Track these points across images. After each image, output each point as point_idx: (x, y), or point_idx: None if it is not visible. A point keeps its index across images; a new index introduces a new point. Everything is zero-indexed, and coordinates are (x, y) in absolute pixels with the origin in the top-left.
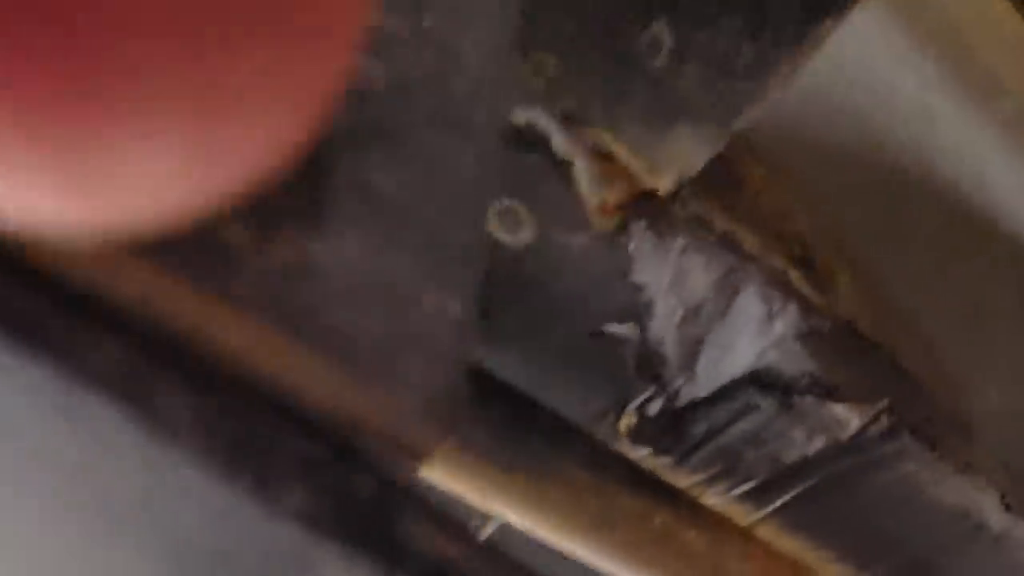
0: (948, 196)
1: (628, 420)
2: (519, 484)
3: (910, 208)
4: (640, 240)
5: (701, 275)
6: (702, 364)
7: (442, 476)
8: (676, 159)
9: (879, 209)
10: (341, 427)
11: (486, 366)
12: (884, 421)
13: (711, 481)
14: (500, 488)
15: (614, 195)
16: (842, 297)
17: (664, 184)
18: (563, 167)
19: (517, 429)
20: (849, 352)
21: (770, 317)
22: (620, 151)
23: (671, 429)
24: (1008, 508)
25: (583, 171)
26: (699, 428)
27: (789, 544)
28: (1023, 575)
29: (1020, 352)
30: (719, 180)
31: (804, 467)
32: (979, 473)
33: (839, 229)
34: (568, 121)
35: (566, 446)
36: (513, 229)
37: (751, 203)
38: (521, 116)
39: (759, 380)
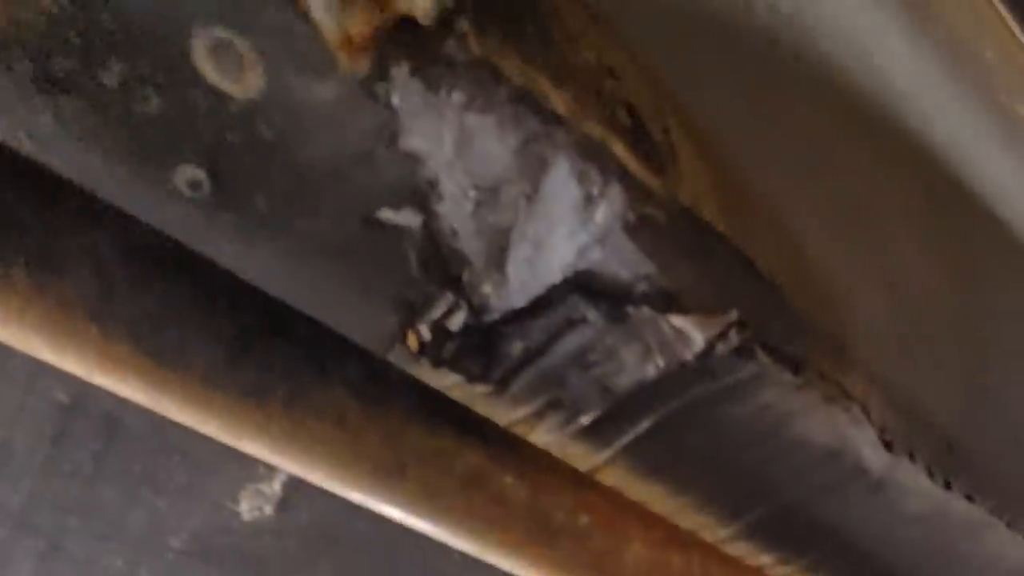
0: (832, 77)
1: (419, 335)
2: (273, 416)
3: (781, 84)
4: (404, 91)
5: (494, 142)
6: (512, 265)
7: (164, 403)
8: None
9: (740, 82)
10: None
11: (220, 261)
12: (734, 337)
13: (538, 416)
14: (248, 422)
15: (359, 23)
16: (684, 178)
17: (422, 4)
18: None
19: (264, 345)
20: (692, 249)
21: (589, 201)
22: None
23: (481, 350)
24: (888, 446)
25: None
26: (515, 348)
27: (640, 491)
28: (912, 524)
29: (908, 257)
30: (516, 14)
31: (644, 398)
32: (854, 403)
33: (687, 102)
34: None
35: (333, 368)
36: (235, 74)
37: (563, 51)
38: None
39: (583, 286)
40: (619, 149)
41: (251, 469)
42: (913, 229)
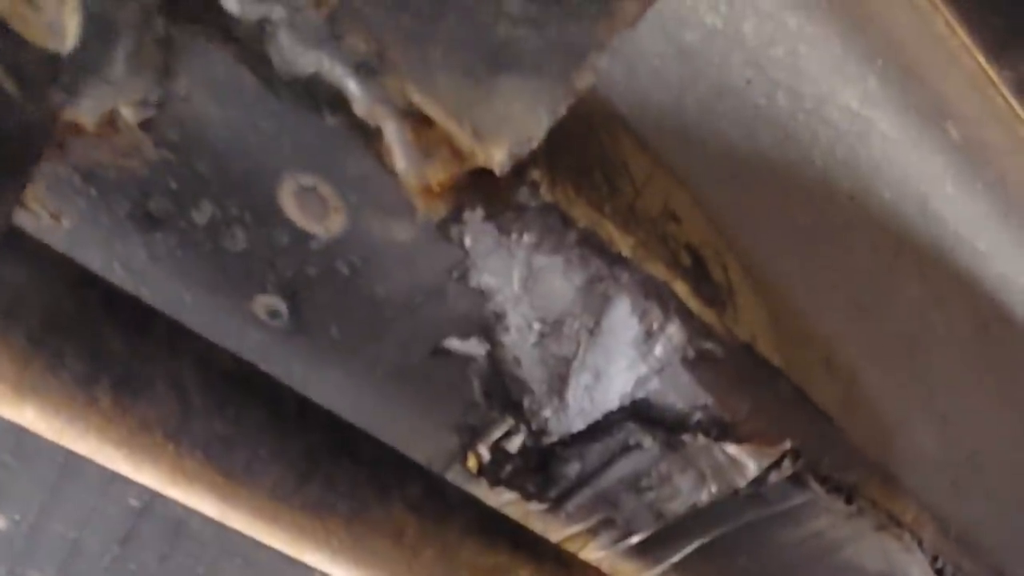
0: (884, 220)
1: (479, 456)
2: (335, 531)
3: (837, 228)
4: (478, 233)
5: (560, 281)
6: (571, 392)
7: (232, 516)
8: (508, 122)
9: (800, 226)
10: None
11: (293, 385)
12: (788, 466)
13: (591, 533)
14: (311, 536)
15: (439, 172)
16: (741, 315)
17: (497, 156)
18: (369, 134)
19: (330, 463)
20: (747, 382)
21: (649, 337)
22: (437, 112)
23: (538, 469)
24: (940, 573)
25: (395, 139)
26: (571, 469)
27: None
28: None
29: (959, 388)
30: (584, 162)
31: (696, 520)
32: (905, 531)
33: (745, 243)
34: (365, 70)
35: (394, 485)
36: (319, 215)
37: (629, 197)
38: (303, 60)
39: (640, 414)
40: (680, 288)
41: (308, 574)
42: (966, 363)
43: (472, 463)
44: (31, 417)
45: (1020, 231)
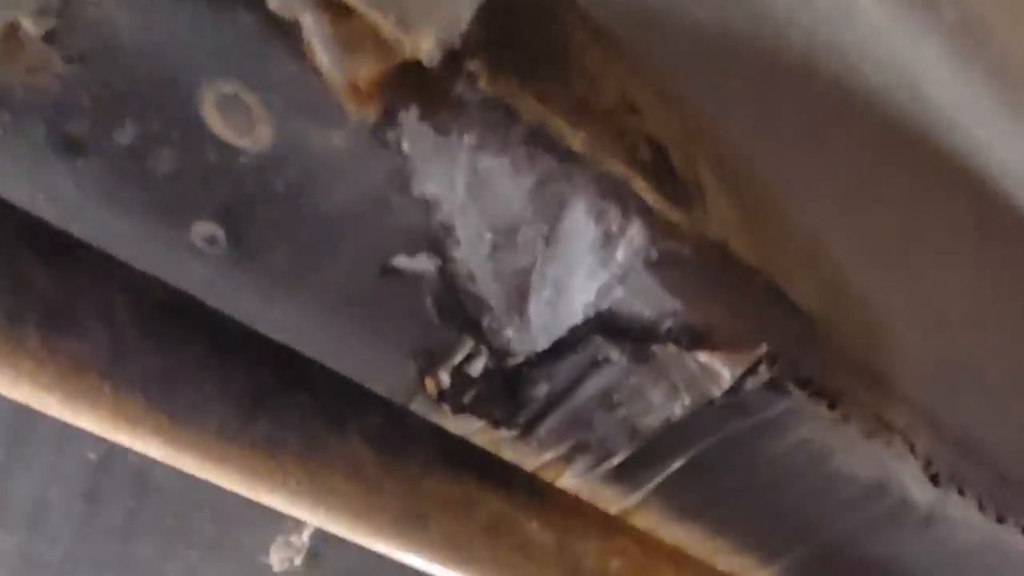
0: (872, 107)
1: (439, 382)
2: (290, 469)
3: (819, 113)
4: (416, 135)
5: (508, 185)
6: (532, 307)
7: (180, 459)
8: (433, 6)
9: (778, 115)
10: None
11: (238, 316)
12: (764, 371)
13: (566, 459)
14: (265, 476)
15: (365, 68)
16: (711, 212)
17: (424, 45)
18: (288, 31)
19: (280, 397)
20: (719, 285)
21: (609, 240)
22: (356, 0)
23: (504, 394)
24: (935, 480)
25: (314, 33)
26: (539, 391)
27: (673, 534)
28: (963, 559)
29: (953, 289)
30: (532, 52)
31: (674, 436)
32: (896, 436)
33: (718, 135)
34: None
35: (350, 417)
36: (244, 127)
37: (581, 89)
38: None
39: (606, 326)
40: (640, 185)
41: (280, 521)
42: (963, 260)
43: (432, 389)
44: None
45: (1019, 117)
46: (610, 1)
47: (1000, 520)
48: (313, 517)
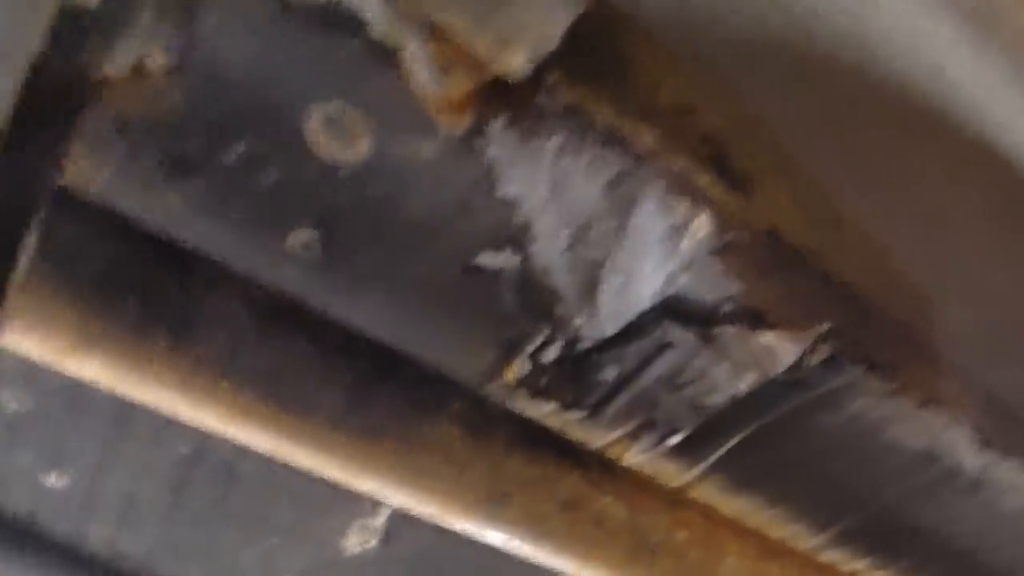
0: (898, 90)
1: (517, 369)
2: (388, 454)
3: (849, 102)
4: (501, 143)
5: (584, 183)
6: (603, 296)
7: (288, 449)
8: (525, 28)
9: (812, 104)
10: None
11: (334, 314)
12: (824, 349)
13: (632, 437)
14: (366, 462)
15: (458, 85)
16: (766, 201)
17: (516, 64)
18: (389, 55)
19: (377, 387)
20: (776, 268)
21: (676, 232)
22: (454, 25)
23: (575, 377)
24: (986, 445)
25: (415, 57)
26: (608, 374)
27: (732, 506)
28: (1011, 522)
29: (989, 262)
30: (601, 64)
31: (736, 412)
32: (947, 406)
33: (762, 125)
34: None
35: (438, 404)
36: (345, 143)
37: (645, 94)
38: None
39: (672, 311)
40: (702, 179)
41: (357, 505)
42: (993, 234)
43: (510, 376)
44: (96, 368)
45: None
46: (663, 14)
47: None
48: (407, 499)
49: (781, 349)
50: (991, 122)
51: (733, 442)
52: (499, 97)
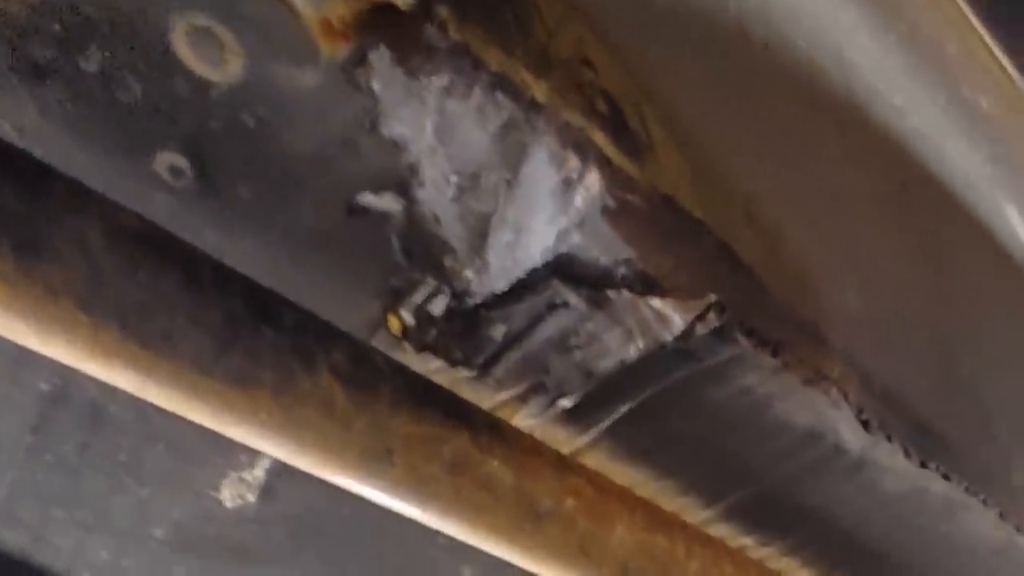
0: (801, 70)
1: (403, 320)
2: (261, 403)
3: (753, 76)
4: (386, 77)
5: (473, 129)
6: (493, 250)
7: (153, 391)
8: None
9: (713, 73)
10: None
11: (205, 249)
12: (713, 319)
13: (521, 399)
14: (236, 408)
15: (339, 6)
16: (662, 166)
17: None
18: None
19: (252, 331)
20: (670, 235)
21: (568, 185)
22: None
23: (463, 334)
24: (866, 426)
25: None
26: (497, 332)
27: (622, 476)
28: (890, 503)
29: (880, 247)
30: (495, 6)
31: (626, 379)
32: (832, 385)
33: (662, 90)
34: None
35: (319, 354)
36: (216, 60)
37: (542, 42)
38: None
39: (563, 271)
40: (598, 137)
41: (233, 456)
42: (885, 220)
43: (395, 327)
44: None
45: (932, 86)
46: None
47: (923, 465)
48: (283, 452)
49: (672, 316)
50: (889, 107)
51: (623, 410)
52: (384, 26)
